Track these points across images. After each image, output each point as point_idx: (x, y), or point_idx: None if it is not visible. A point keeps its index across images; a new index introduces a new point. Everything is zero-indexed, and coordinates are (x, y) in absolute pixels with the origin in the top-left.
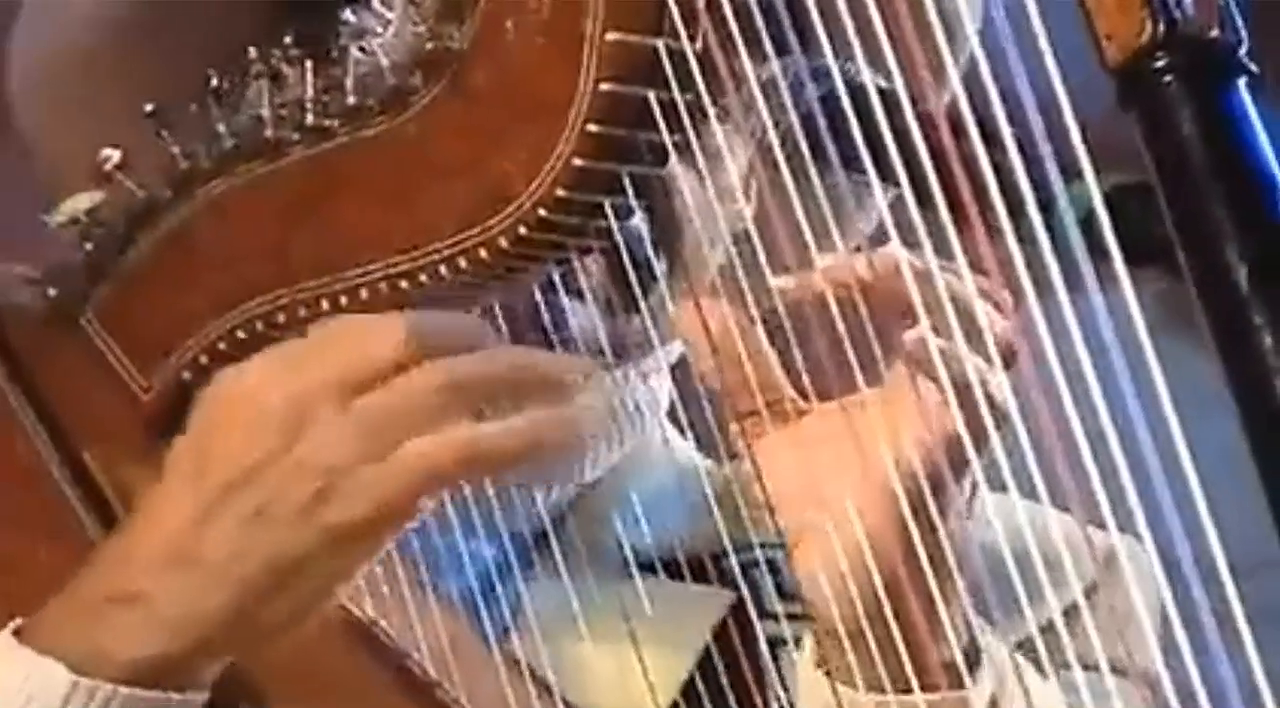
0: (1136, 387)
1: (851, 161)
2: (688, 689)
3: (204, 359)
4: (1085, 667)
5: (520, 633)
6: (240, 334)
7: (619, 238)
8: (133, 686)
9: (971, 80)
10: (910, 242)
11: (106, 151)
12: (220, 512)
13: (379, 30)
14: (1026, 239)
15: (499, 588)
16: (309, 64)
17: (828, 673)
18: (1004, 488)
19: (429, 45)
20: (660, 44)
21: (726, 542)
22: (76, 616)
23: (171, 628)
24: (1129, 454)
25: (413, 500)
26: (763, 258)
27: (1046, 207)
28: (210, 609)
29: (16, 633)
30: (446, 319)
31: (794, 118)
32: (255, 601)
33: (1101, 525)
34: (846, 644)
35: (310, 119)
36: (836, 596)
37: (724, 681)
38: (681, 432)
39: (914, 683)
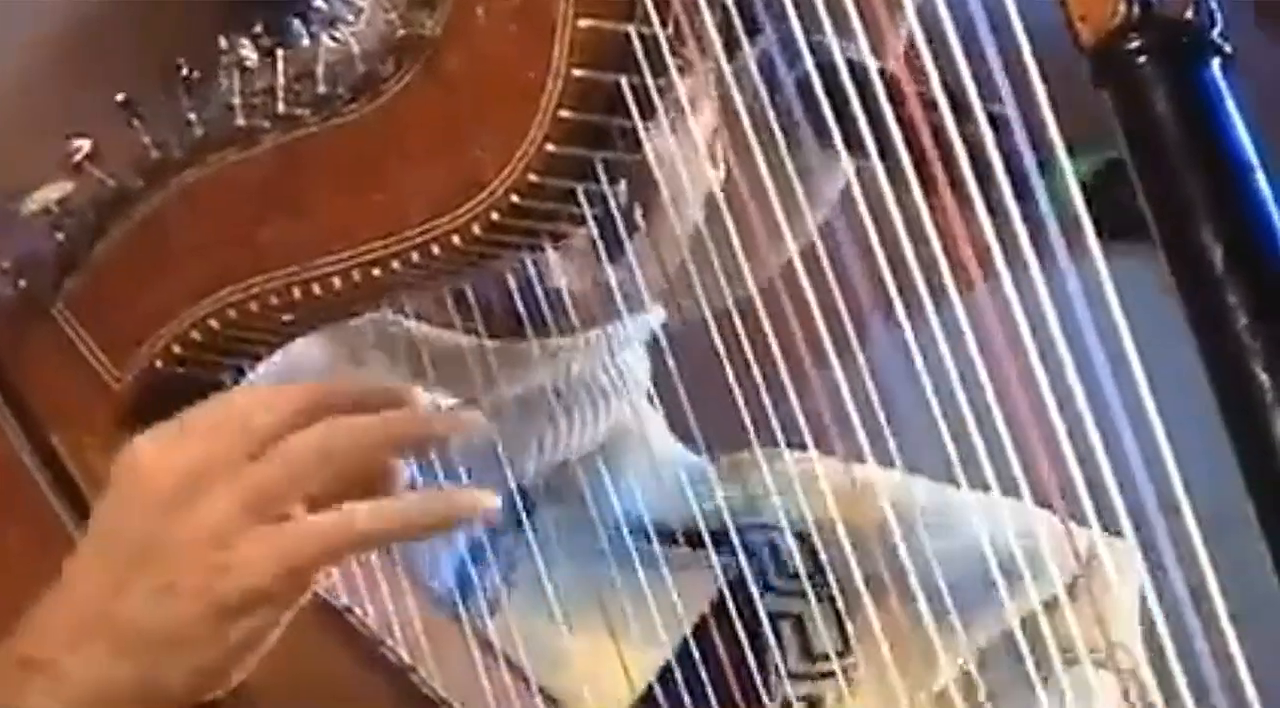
0: (1113, 367)
1: (822, 135)
2: (681, 660)
3: (177, 348)
4: (1066, 661)
5: (499, 613)
6: (213, 323)
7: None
8: None
9: (945, 55)
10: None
11: (77, 142)
12: (130, 586)
13: (350, 18)
14: (998, 211)
15: (487, 558)
16: (280, 52)
17: None
18: (985, 487)
19: (400, 32)
20: (632, 29)
21: (727, 518)
22: (11, 668)
23: (80, 697)
24: (1107, 437)
25: (304, 575)
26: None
27: (1043, 167)
28: (118, 679)
29: None
30: (343, 387)
31: (764, 94)
32: (163, 670)
33: (1083, 523)
34: None
35: (281, 107)
36: None
37: (721, 654)
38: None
39: None
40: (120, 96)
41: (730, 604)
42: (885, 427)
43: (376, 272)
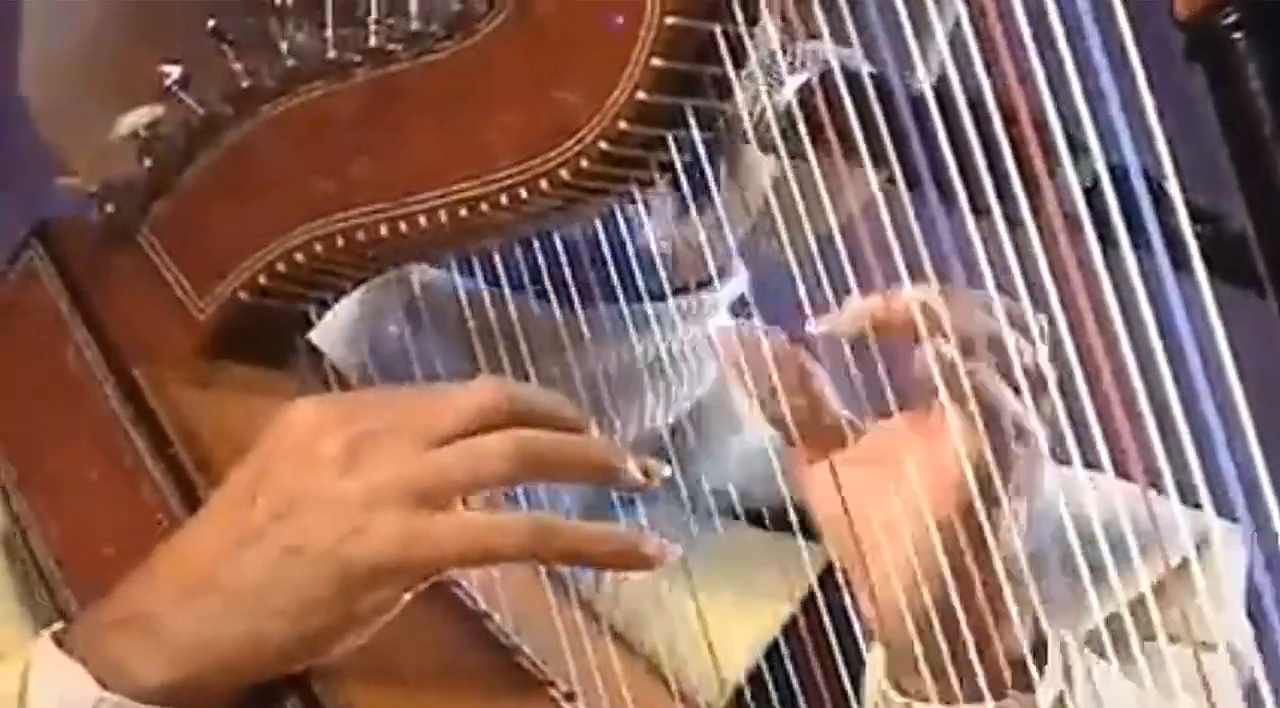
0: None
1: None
2: (784, 641)
3: (262, 280)
4: (1172, 641)
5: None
6: (298, 256)
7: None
8: (151, 704)
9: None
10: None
11: (167, 67)
12: (261, 539)
13: None
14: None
15: None
16: None
17: (898, 687)
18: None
19: None
20: None
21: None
22: (105, 628)
23: (182, 654)
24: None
25: (436, 566)
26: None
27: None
28: (224, 638)
29: (57, 636)
30: (531, 391)
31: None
32: (270, 633)
33: (1198, 505)
34: (915, 658)
35: (373, 41)
36: (901, 613)
37: (809, 645)
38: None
39: (984, 692)
40: (211, 22)
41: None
42: None
43: (464, 212)
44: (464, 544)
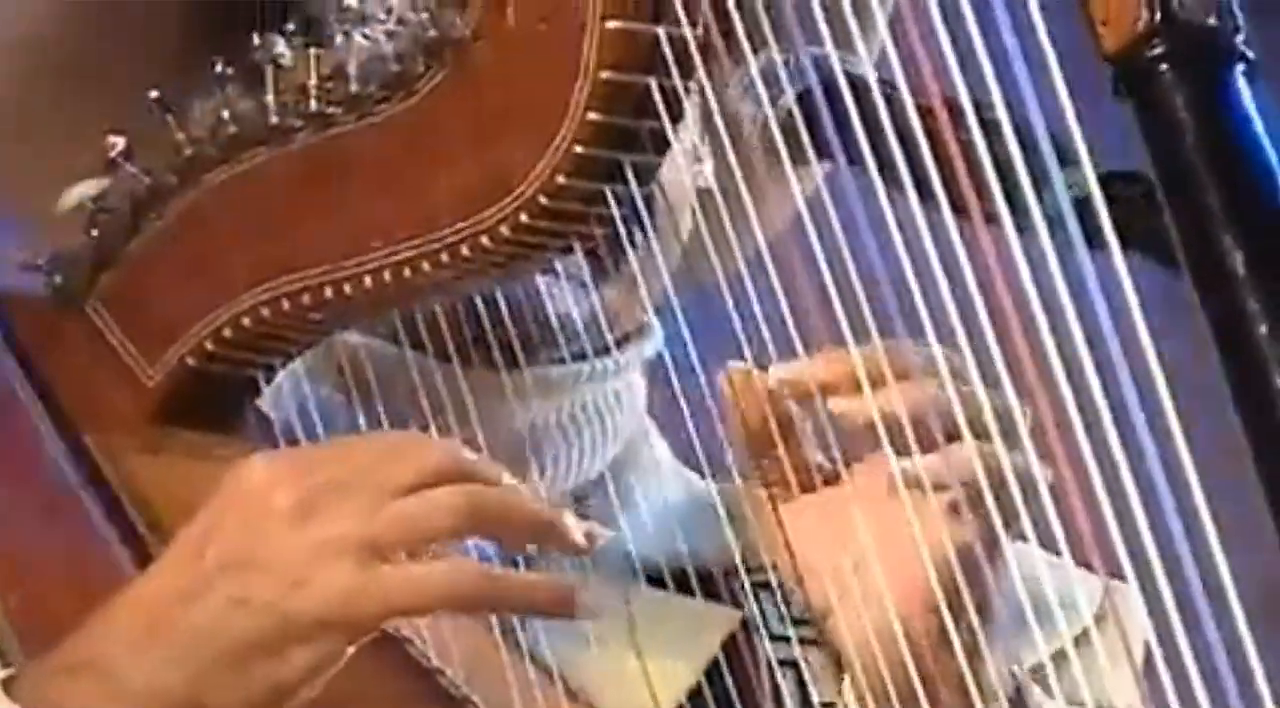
0: (1134, 379)
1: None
2: (693, 699)
3: (209, 345)
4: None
5: (522, 633)
6: (245, 321)
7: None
8: None
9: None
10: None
11: (112, 138)
12: (209, 589)
13: (381, 17)
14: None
15: None
16: (312, 51)
17: None
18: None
19: (431, 32)
20: (661, 31)
21: (738, 559)
22: (55, 675)
23: (132, 700)
24: (1130, 453)
25: (381, 617)
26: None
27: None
28: (172, 686)
29: (6, 684)
30: (469, 454)
31: (769, 111)
32: (214, 688)
33: (1090, 567)
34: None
35: (314, 105)
36: (875, 662)
37: (732, 696)
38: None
39: None
40: (154, 93)
41: (742, 649)
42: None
43: (407, 272)
44: (408, 596)
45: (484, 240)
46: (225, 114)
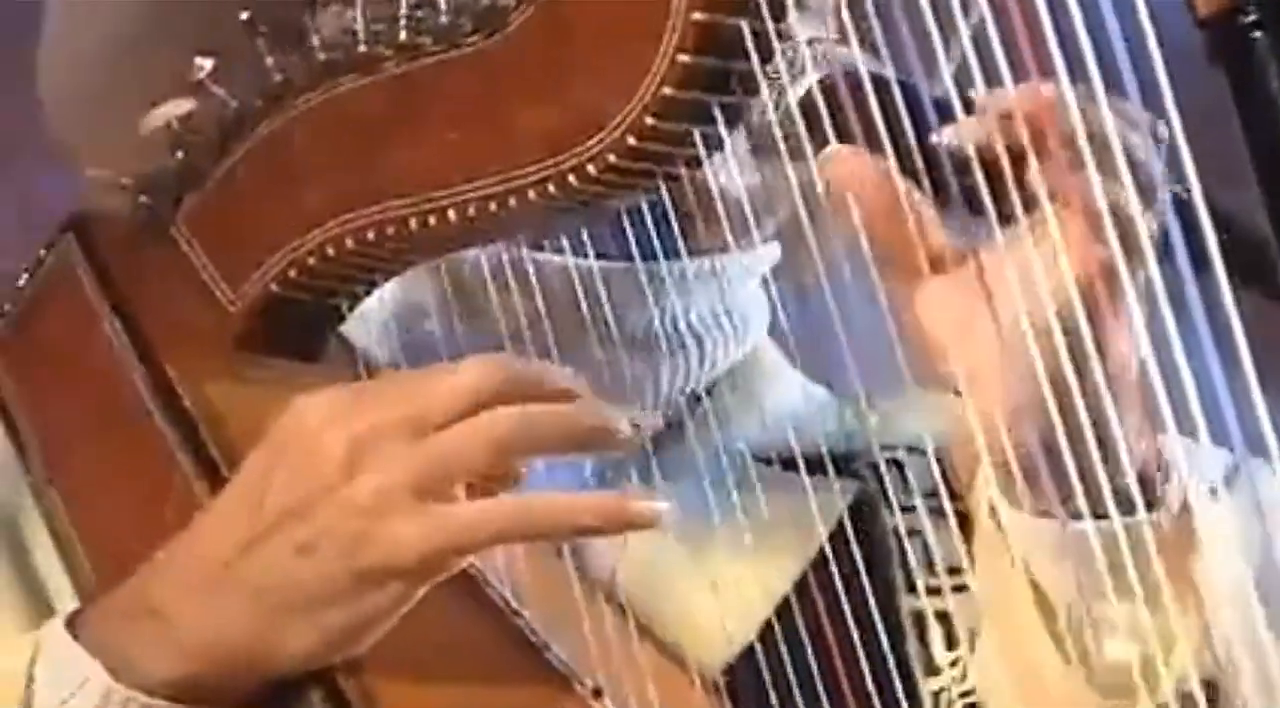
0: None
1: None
2: (800, 587)
3: (293, 273)
4: None
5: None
6: (329, 250)
7: None
8: (160, 698)
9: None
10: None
11: (199, 60)
12: (272, 537)
13: None
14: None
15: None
16: None
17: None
18: None
19: None
20: None
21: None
22: (116, 619)
23: (191, 650)
24: None
25: (449, 559)
26: None
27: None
28: (236, 635)
29: (69, 623)
30: (517, 363)
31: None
32: (279, 632)
33: None
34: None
35: (403, 35)
36: (1009, 430)
37: (858, 566)
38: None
39: (1083, 509)
40: (244, 15)
41: (849, 528)
42: None
43: (492, 207)
44: (469, 534)
45: (571, 178)
46: (315, 41)
